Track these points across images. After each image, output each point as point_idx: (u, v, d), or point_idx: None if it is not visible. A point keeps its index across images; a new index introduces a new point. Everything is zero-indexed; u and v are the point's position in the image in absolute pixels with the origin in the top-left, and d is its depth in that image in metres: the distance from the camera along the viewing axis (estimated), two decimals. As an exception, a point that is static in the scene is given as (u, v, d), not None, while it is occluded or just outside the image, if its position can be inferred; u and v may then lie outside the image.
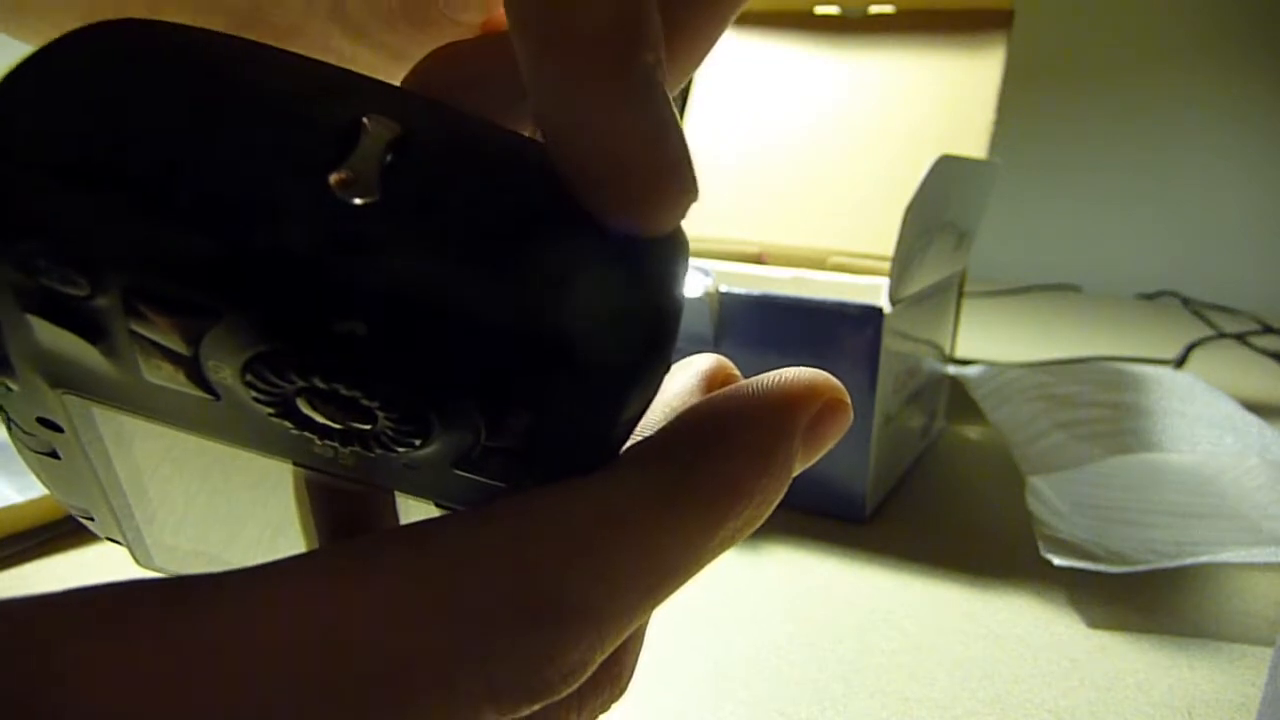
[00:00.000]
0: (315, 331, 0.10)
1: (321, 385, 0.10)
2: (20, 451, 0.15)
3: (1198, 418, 0.55)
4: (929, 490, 0.52)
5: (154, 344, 0.10)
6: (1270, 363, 0.91)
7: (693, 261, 0.54)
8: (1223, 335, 1.03)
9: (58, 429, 0.13)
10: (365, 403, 0.10)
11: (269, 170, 0.09)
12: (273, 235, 0.09)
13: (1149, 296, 1.34)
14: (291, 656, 0.09)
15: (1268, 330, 1.06)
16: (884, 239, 0.62)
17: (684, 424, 0.12)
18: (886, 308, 0.43)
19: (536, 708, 0.11)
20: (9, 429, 0.14)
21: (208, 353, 0.10)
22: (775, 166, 0.68)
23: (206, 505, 0.15)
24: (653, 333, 0.11)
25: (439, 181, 0.10)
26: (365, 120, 0.09)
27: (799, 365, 0.13)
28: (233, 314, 0.10)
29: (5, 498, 0.40)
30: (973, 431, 0.63)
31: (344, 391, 0.10)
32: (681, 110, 1.33)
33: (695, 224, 0.69)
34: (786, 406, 0.12)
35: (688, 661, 0.34)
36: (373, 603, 0.10)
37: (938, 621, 0.38)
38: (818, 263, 0.63)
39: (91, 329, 0.10)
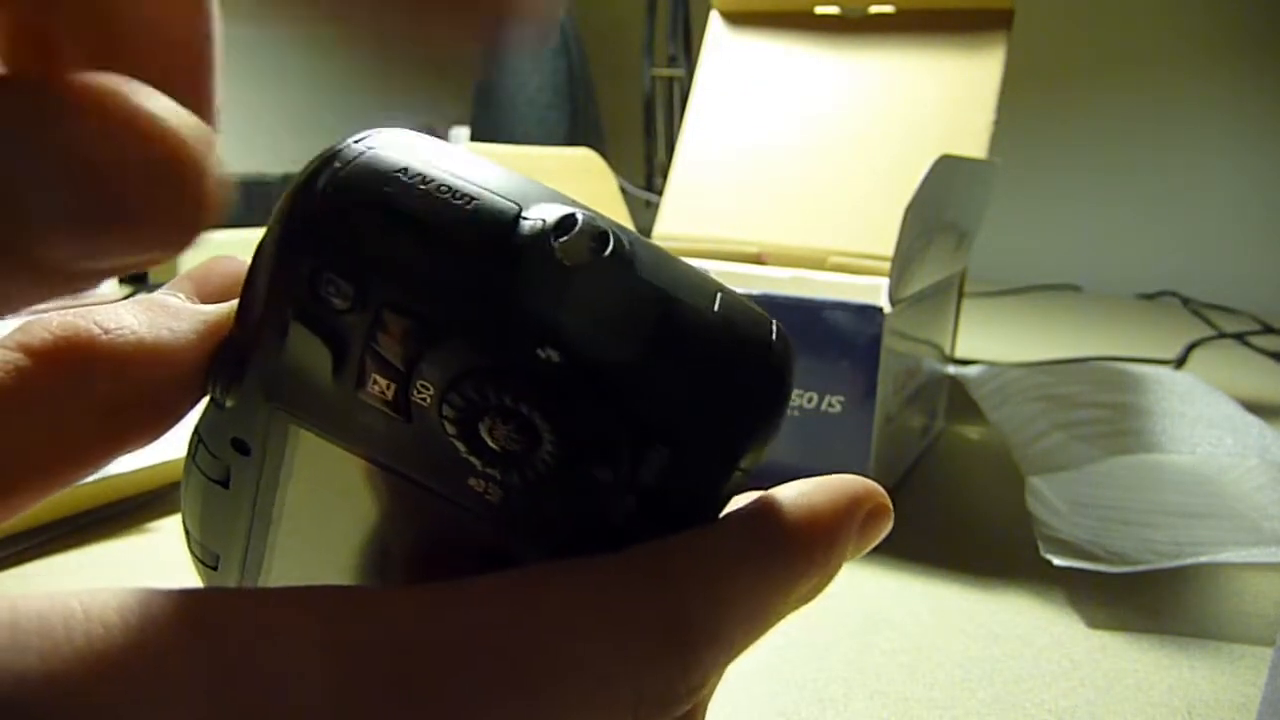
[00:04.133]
0: (520, 353, 0.12)
1: (509, 404, 0.12)
2: (187, 480, 0.17)
3: (1198, 418, 0.55)
4: (929, 490, 0.52)
5: (380, 359, 0.13)
6: (1270, 363, 0.91)
7: (693, 263, 0.54)
8: (1223, 335, 1.03)
9: (246, 451, 0.15)
10: (538, 423, 0.13)
11: (517, 234, 0.13)
12: (511, 276, 0.12)
13: (1149, 296, 1.34)
14: (480, 656, 0.11)
15: (1268, 330, 1.06)
16: (884, 239, 0.62)
17: (774, 502, 0.14)
18: (886, 308, 0.43)
19: None
20: (191, 454, 0.16)
21: (421, 371, 0.13)
22: (775, 166, 0.68)
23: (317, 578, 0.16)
24: (769, 413, 0.14)
25: (626, 265, 0.13)
26: (579, 214, 0.13)
27: (800, 365, 0.15)
28: (461, 334, 0.13)
29: (5, 498, 0.40)
30: (973, 431, 0.63)
31: (524, 410, 0.13)
32: (682, 110, 1.32)
33: (695, 224, 0.69)
34: (850, 501, 0.15)
35: (688, 661, 0.34)
36: (550, 615, 0.12)
37: (938, 621, 0.38)
38: (818, 263, 0.63)
39: (338, 340, 0.13)
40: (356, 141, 0.13)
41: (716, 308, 0.13)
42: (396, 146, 0.13)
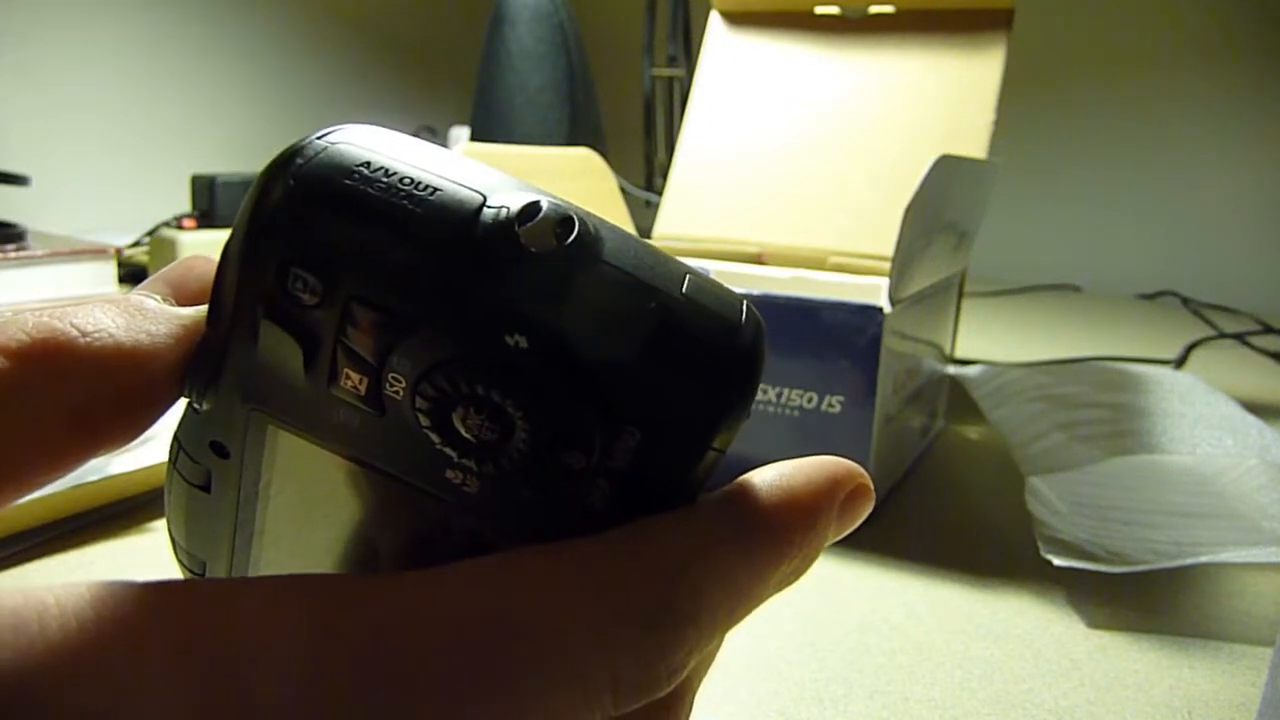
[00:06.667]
0: (489, 341, 0.12)
1: (481, 393, 0.13)
2: (169, 486, 0.16)
3: (1198, 419, 0.55)
4: (929, 490, 0.52)
5: (351, 353, 0.13)
6: (1270, 363, 0.91)
7: (693, 262, 0.54)
8: (1223, 335, 1.03)
9: (225, 454, 0.15)
10: (510, 411, 0.13)
11: (481, 223, 0.13)
12: (476, 265, 0.13)
13: (1149, 296, 1.34)
14: (459, 640, 0.11)
15: (1268, 330, 1.06)
16: (884, 239, 0.62)
17: (751, 484, 0.14)
18: (886, 308, 0.43)
19: (640, 704, 0.12)
20: (172, 460, 0.16)
21: (392, 364, 0.13)
22: (775, 166, 0.68)
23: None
24: (740, 392, 0.14)
25: (592, 251, 0.13)
26: (543, 201, 0.13)
27: (799, 365, 0.14)
28: (429, 325, 0.13)
29: (5, 497, 0.40)
30: (973, 431, 0.63)
31: (496, 398, 0.13)
32: (682, 110, 1.32)
33: (695, 224, 0.69)
34: (829, 482, 0.15)
35: (688, 661, 0.34)
36: (527, 599, 0.12)
37: (938, 621, 0.38)
38: (818, 263, 0.63)
39: (309, 336, 0.13)
40: (319, 138, 0.13)
41: (684, 289, 0.13)
42: (359, 141, 0.13)
